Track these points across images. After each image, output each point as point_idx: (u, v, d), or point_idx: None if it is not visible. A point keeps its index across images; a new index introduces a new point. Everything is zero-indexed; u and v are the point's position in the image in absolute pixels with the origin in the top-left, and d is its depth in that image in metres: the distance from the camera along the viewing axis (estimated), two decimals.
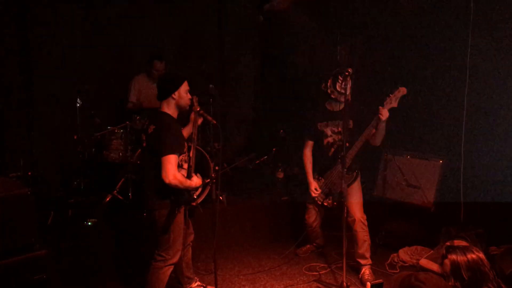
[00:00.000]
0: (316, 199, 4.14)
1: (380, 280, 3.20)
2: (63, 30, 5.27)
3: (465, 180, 4.57)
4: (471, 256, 2.30)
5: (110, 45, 5.52)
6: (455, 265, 2.32)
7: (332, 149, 4.04)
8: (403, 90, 3.69)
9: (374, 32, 5.32)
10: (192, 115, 3.40)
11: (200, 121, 3.42)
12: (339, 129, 3.97)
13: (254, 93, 6.96)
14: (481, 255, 2.31)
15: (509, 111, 4.26)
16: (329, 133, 4.04)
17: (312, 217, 4.35)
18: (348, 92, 3.79)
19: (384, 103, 3.70)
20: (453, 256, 2.34)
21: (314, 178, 4.15)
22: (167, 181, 2.96)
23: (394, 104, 3.70)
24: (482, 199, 4.42)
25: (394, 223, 4.75)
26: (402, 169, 4.86)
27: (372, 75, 5.28)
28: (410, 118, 4.97)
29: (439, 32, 4.72)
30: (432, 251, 4.11)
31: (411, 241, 4.41)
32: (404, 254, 4.25)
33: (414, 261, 4.08)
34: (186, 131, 3.47)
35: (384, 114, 3.66)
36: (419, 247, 4.30)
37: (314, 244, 4.57)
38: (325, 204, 4.10)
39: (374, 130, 3.77)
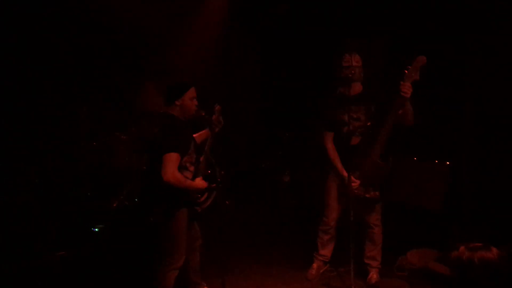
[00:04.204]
0: (356, 192, 3.70)
1: None
2: (69, 34, 5.31)
3: (472, 181, 4.55)
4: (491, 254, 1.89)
5: (116, 51, 5.55)
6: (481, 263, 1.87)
7: (354, 138, 3.68)
8: (422, 60, 3.32)
9: (374, 32, 5.31)
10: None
11: (216, 130, 3.43)
12: (359, 115, 3.69)
13: (259, 95, 6.95)
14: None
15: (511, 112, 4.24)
16: (349, 120, 3.70)
17: (334, 213, 3.94)
18: (354, 64, 3.61)
19: (404, 77, 3.32)
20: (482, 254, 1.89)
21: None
22: (165, 178, 2.95)
23: (416, 77, 3.32)
24: (490, 200, 4.39)
25: (402, 226, 4.71)
26: (409, 171, 4.82)
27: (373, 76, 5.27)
28: (415, 120, 4.95)
29: (442, 35, 4.71)
30: (441, 254, 4.07)
31: (419, 244, 4.37)
32: (413, 257, 4.20)
33: (423, 263, 4.04)
34: (202, 135, 3.48)
35: (407, 90, 3.29)
36: (427, 250, 4.26)
37: (320, 257, 4.12)
38: (368, 196, 3.69)
39: (400, 111, 3.41)
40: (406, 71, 3.34)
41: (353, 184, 3.66)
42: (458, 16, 4.55)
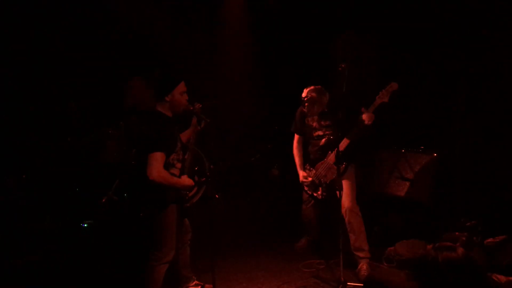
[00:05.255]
0: (306, 188, 4.19)
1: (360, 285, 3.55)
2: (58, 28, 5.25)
3: (460, 172, 4.59)
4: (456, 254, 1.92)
5: (103, 45, 5.49)
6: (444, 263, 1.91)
7: (323, 140, 4.07)
8: (394, 86, 3.77)
9: (368, 26, 5.31)
10: (194, 120, 3.43)
11: (201, 126, 3.45)
12: (327, 122, 4.05)
13: (249, 88, 6.92)
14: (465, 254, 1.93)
15: (502, 104, 4.28)
16: (318, 126, 4.11)
17: (308, 209, 4.39)
18: (322, 106, 3.98)
19: (376, 97, 3.78)
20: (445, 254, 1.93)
21: (305, 168, 4.21)
22: (151, 177, 2.96)
23: (385, 99, 3.78)
24: (477, 191, 4.44)
25: (391, 217, 4.75)
26: (397, 163, 4.86)
27: (365, 68, 5.29)
28: (404, 112, 4.98)
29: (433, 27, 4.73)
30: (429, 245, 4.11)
31: (407, 235, 4.41)
32: (401, 248, 4.23)
33: (411, 254, 4.07)
34: (186, 134, 3.48)
35: (367, 118, 3.76)
36: (416, 241, 4.29)
37: (310, 237, 4.55)
38: (315, 195, 4.13)
39: (360, 132, 3.85)
40: (380, 93, 3.77)
41: (303, 180, 4.17)
42: (451, 11, 4.57)
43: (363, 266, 3.91)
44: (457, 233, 4.10)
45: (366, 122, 3.75)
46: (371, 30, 5.31)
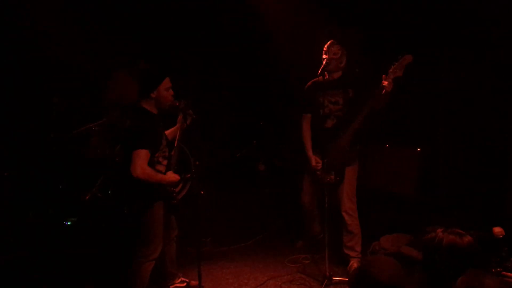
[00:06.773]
0: (318, 174, 3.85)
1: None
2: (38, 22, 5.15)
3: (444, 166, 4.65)
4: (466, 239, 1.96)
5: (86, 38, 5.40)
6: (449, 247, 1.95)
7: (329, 120, 3.84)
8: (408, 58, 3.44)
9: (350, 20, 5.31)
10: (180, 116, 3.41)
11: (187, 122, 3.42)
12: (337, 98, 3.82)
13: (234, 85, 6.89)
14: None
15: (483, 99, 4.34)
16: (326, 103, 3.84)
17: (308, 196, 4.11)
18: (335, 56, 3.74)
19: (389, 71, 3.45)
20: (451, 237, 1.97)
21: (314, 153, 3.91)
22: (134, 175, 2.95)
23: (399, 73, 3.44)
24: (460, 184, 4.51)
25: (375, 211, 4.79)
26: (382, 158, 4.90)
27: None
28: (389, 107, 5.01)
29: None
30: (413, 238, 4.16)
31: (392, 229, 4.46)
32: (385, 242, 4.28)
33: (395, 248, 4.12)
34: (173, 132, 3.46)
35: (388, 86, 3.40)
36: (400, 235, 4.35)
37: (310, 234, 4.35)
38: (328, 180, 3.80)
39: (377, 103, 3.54)
40: (392, 66, 3.45)
41: (316, 165, 3.85)
42: (434, 8, 4.60)
43: (354, 264, 3.88)
44: (439, 226, 4.18)
45: (387, 88, 3.39)
46: (354, 24, 5.30)
